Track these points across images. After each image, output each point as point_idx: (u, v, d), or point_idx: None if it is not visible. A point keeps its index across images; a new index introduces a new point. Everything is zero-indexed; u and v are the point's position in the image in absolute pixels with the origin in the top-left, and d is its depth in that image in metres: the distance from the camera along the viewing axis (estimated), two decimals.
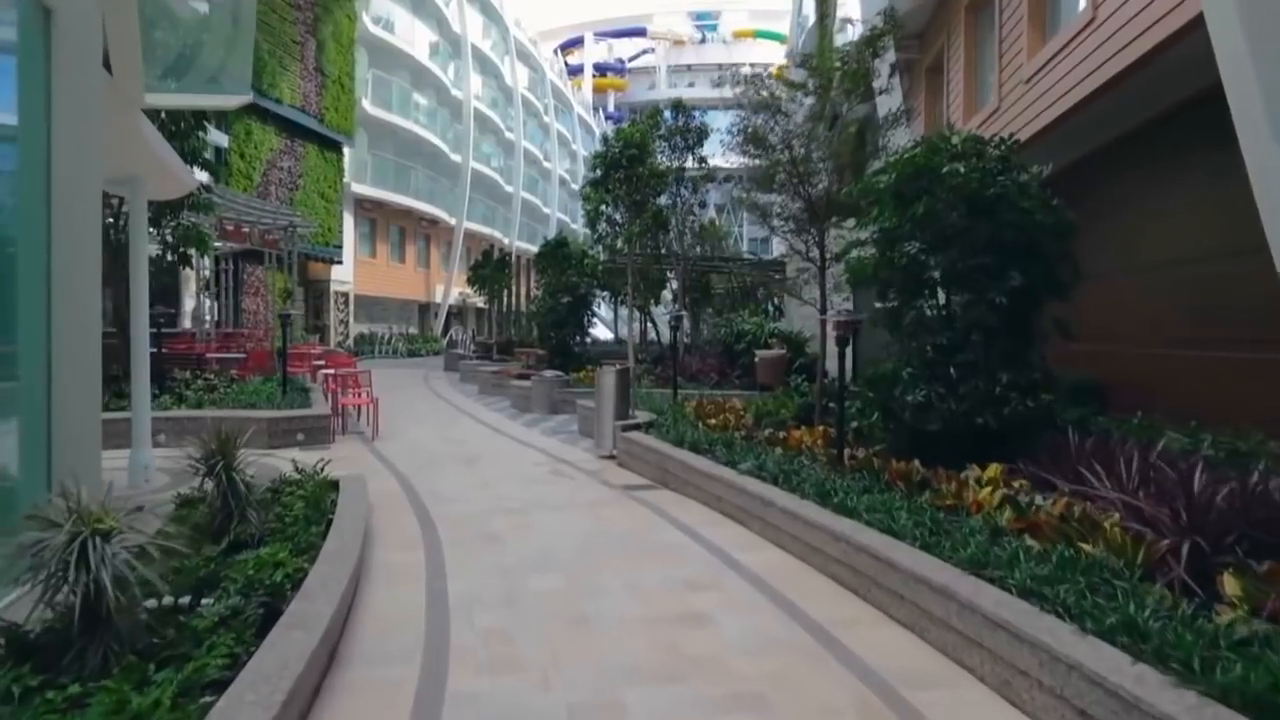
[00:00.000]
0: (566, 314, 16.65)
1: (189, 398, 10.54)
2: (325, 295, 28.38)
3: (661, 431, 8.72)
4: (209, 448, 4.83)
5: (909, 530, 4.69)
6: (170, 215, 11.79)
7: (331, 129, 26.15)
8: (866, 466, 6.25)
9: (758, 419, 8.88)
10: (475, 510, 6.71)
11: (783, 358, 13.32)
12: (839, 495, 5.59)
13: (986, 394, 6.14)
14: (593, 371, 15.28)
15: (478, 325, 40.90)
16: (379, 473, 8.34)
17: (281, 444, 9.81)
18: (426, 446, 10.17)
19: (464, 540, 5.76)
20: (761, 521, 5.95)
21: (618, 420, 9.34)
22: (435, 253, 37.63)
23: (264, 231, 18.20)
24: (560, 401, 13.69)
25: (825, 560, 5.04)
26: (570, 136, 59.46)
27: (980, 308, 6.08)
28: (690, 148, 16.27)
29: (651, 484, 7.97)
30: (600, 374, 9.56)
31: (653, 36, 77.71)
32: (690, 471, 7.30)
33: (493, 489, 7.63)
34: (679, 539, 5.90)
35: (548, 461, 9.22)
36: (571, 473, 8.54)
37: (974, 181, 6.13)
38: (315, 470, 6.57)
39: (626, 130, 14.83)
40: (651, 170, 14.70)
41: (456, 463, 9.05)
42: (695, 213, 17.10)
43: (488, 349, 25.26)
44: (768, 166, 8.97)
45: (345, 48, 27.12)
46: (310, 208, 24.98)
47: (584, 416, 11.45)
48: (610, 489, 7.73)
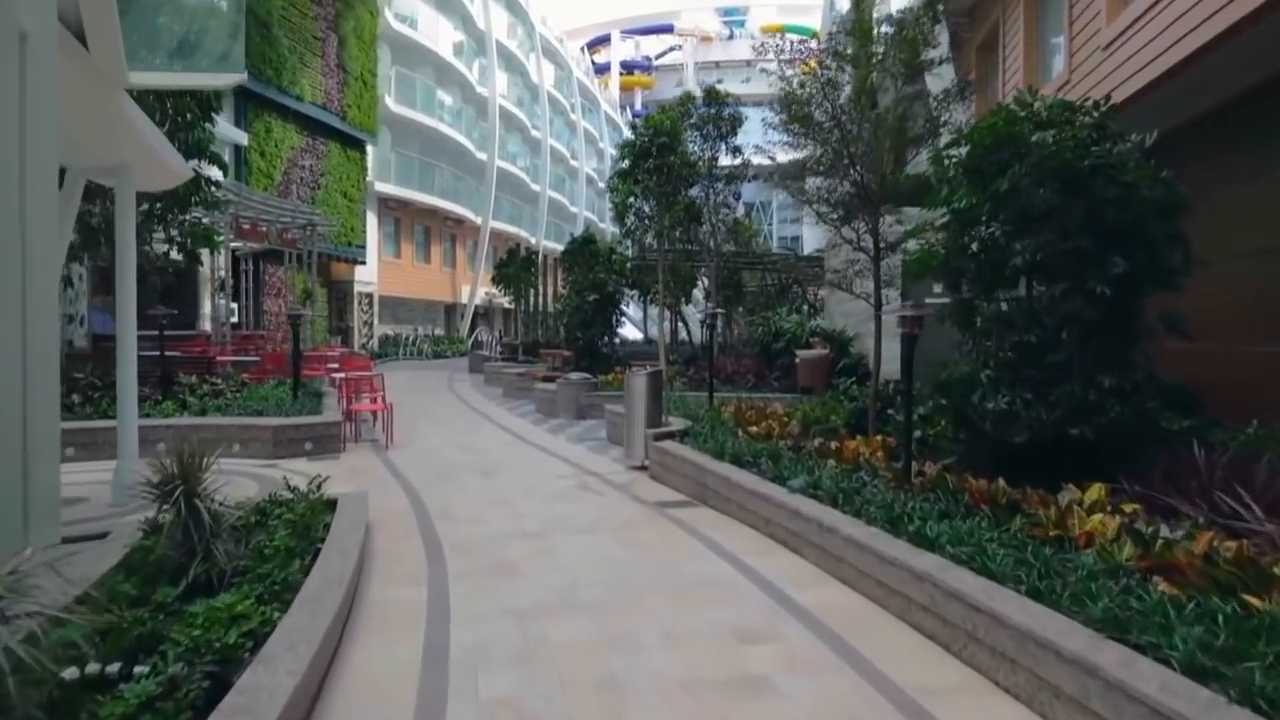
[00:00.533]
0: (594, 313, 15.86)
1: (193, 404, 9.91)
2: (349, 296, 27.91)
3: (698, 441, 7.89)
4: (167, 470, 4.07)
5: (1009, 570, 3.83)
6: (177, 212, 11.18)
7: (354, 127, 25.64)
8: (940, 485, 5.38)
9: (805, 427, 8.01)
10: (491, 533, 5.93)
11: (826, 358, 12.42)
12: (913, 521, 4.74)
13: (1082, 401, 5.24)
14: (622, 374, 14.49)
15: (504, 326, 40.33)
16: (388, 487, 7.60)
17: (287, 454, 9.13)
18: (443, 456, 9.43)
19: (475, 573, 4.98)
20: (819, 551, 5.10)
21: (650, 428, 8.52)
22: (461, 253, 37.11)
23: (282, 230, 17.65)
24: (587, 406, 12.90)
25: (904, 605, 4.18)
26: (597, 135, 58.76)
27: (1076, 299, 5.17)
28: (723, 137, 15.39)
29: (688, 500, 7.15)
30: (630, 377, 8.75)
31: (680, 33, 76.88)
32: (733, 488, 6.46)
33: (512, 506, 6.84)
34: (724, 571, 5.06)
35: (573, 473, 8.43)
36: (599, 486, 7.74)
37: (1067, 152, 5.22)
38: (311, 488, 5.84)
39: (656, 117, 14.00)
40: (683, 160, 13.85)
41: (474, 475, 8.29)
42: (729, 204, 16.22)
43: (513, 350, 24.59)
44: (814, 147, 8.10)
45: (367, 44, 26.61)
46: (332, 207, 24.48)
47: (613, 423, 10.66)
48: (642, 506, 6.92)
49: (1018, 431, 5.42)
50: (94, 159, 7.13)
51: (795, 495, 5.75)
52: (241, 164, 20.92)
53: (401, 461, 9.00)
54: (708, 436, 7.98)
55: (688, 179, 14.15)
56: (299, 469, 8.44)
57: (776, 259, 21.01)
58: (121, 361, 7.04)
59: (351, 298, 27.98)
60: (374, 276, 29.06)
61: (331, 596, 3.81)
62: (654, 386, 8.72)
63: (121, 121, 6.60)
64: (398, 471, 8.41)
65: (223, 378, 11.79)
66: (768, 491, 5.94)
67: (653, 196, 13.73)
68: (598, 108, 60.27)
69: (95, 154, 7.03)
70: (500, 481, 7.97)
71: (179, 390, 10.56)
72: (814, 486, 5.81)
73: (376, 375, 10.95)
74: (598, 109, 60.18)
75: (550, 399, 13.42)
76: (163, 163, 7.53)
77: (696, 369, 14.21)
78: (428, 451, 9.75)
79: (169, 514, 4.08)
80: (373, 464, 8.86)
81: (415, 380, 20.60)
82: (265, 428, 9.12)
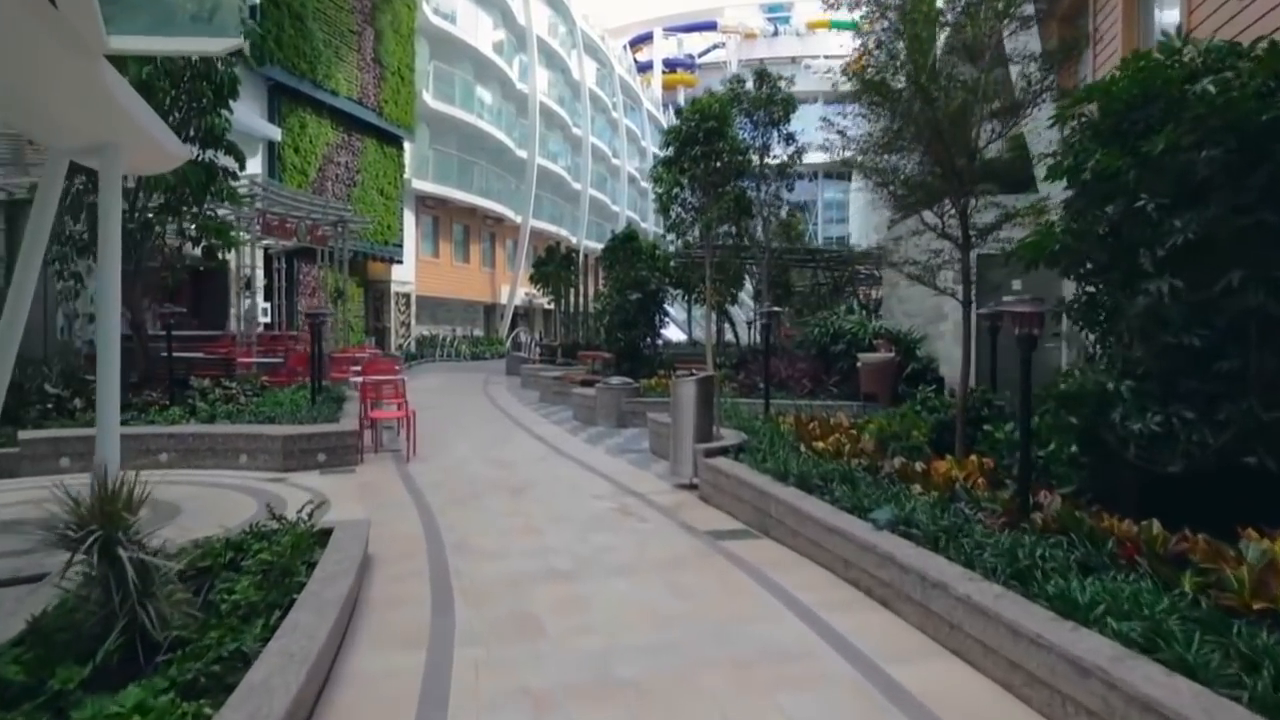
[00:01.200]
0: (636, 313, 14.85)
1: (202, 410, 9.14)
2: (385, 296, 27.33)
3: (756, 458, 6.83)
4: (79, 513, 3.14)
5: (1214, 666, 2.74)
6: (192, 204, 10.46)
7: (390, 122, 25.03)
8: (1070, 525, 4.25)
9: (881, 443, 6.90)
10: (513, 573, 4.95)
11: (891, 362, 11.24)
12: (1047, 576, 3.65)
13: (1261, 420, 4.07)
14: (665, 378, 13.45)
15: (544, 327, 39.60)
16: (401, 509, 6.68)
17: (298, 466, 8.30)
18: (469, 470, 8.51)
19: (488, 631, 3.99)
20: (922, 611, 4.02)
21: (699, 442, 7.49)
22: (501, 252, 36.44)
23: (312, 227, 16.98)
24: (628, 413, 11.90)
25: (1055, 701, 3.08)
26: (640, 133, 57.80)
27: (1257, 291, 4.01)
28: (775, 123, 14.27)
29: (746, 529, 6.10)
30: (677, 385, 7.73)
31: (723, 30, 75.70)
32: (802, 519, 5.40)
33: (540, 536, 5.86)
34: (801, 636, 4.00)
35: (612, 493, 7.43)
36: (642, 510, 6.73)
37: (1245, 103, 4.06)
38: (301, 517, 4.93)
39: (704, 100, 12.94)
40: (732, 146, 12.77)
41: (501, 494, 7.34)
42: (781, 197, 15.08)
43: (552, 352, 23.74)
44: (891, 121, 6.99)
45: (405, 38, 26.00)
46: (369, 205, 23.88)
47: (656, 433, 9.64)
48: (693, 538, 5.88)
49: (1171, 459, 4.29)
50: (73, 137, 6.35)
51: (883, 533, 4.68)
52: (275, 160, 20.38)
53: (422, 477, 8.09)
54: (767, 453, 6.92)
55: (737, 168, 13.06)
56: (308, 484, 7.61)
57: (831, 255, 19.77)
58: (103, 363, 6.19)
59: (388, 298, 27.40)
60: (411, 276, 28.47)
61: (285, 683, 2.85)
62: (704, 395, 7.69)
63: (102, 93, 5.77)
64: (416, 489, 7.50)
65: (240, 381, 11.04)
66: (847, 527, 4.87)
67: (699, 186, 12.68)
68: (640, 106, 59.31)
69: (73, 131, 6.23)
70: (529, 503, 7.00)
71: (190, 395, 9.82)
72: (905, 522, 4.72)
73: (400, 379, 10.07)
74: (640, 107, 59.23)
75: (588, 405, 12.45)
76: (154, 142, 6.69)
77: (747, 373, 13.12)
78: (453, 464, 8.85)
79: (83, 566, 3.15)
80: (389, 480, 7.97)
81: (449, 383, 19.83)
82: (274, 437, 8.29)
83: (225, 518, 6.36)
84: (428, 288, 29.85)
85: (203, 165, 10.22)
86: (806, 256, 18.25)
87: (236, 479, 7.81)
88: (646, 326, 15.18)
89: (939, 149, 6.53)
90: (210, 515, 6.48)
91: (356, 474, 8.23)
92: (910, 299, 13.22)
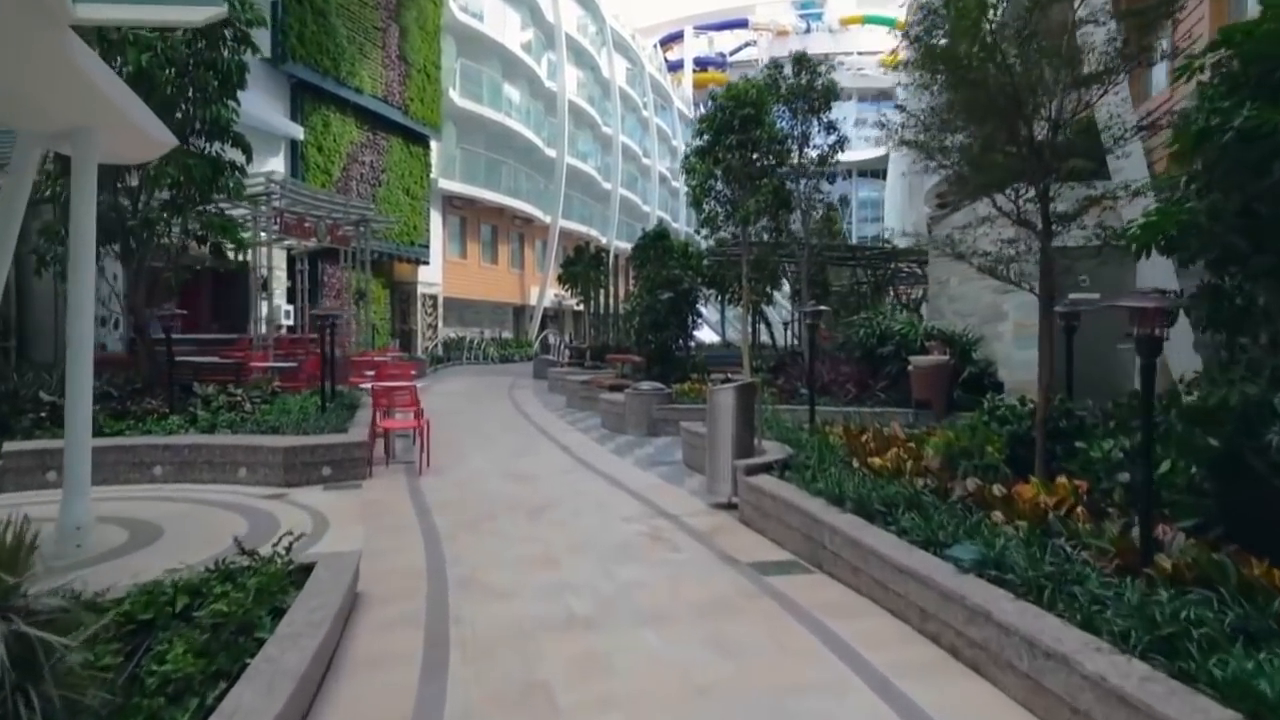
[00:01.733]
0: (667, 313, 14.03)
1: (203, 419, 8.52)
2: (412, 298, 26.82)
3: (804, 476, 6.00)
4: None
5: None
6: (198, 200, 9.87)
7: (416, 121, 24.48)
8: (1215, 576, 3.39)
9: (949, 460, 6.03)
10: (523, 620, 4.18)
11: (945, 366, 10.32)
12: (1205, 651, 2.81)
13: None
14: (698, 382, 12.64)
15: (574, 329, 38.96)
16: (405, 533, 5.96)
17: (301, 480, 7.63)
18: (485, 486, 7.79)
19: (487, 705, 3.23)
20: (1032, 686, 3.18)
21: (739, 458, 6.68)
22: (530, 253, 35.84)
23: (332, 226, 16.43)
24: (660, 421, 11.11)
25: None
26: (670, 132, 56.98)
27: None
28: (815, 112, 13.37)
29: (795, 560, 5.29)
30: (714, 393, 6.92)
31: (755, 28, 74.79)
32: (863, 554, 4.57)
33: (559, 569, 5.10)
34: (874, 712, 3.18)
35: (642, 513, 6.65)
36: (675, 536, 5.93)
37: None
38: (278, 551, 4.22)
39: (739, 86, 12.09)
40: (770, 134, 11.92)
41: (518, 515, 6.59)
42: (821, 190, 14.18)
43: (581, 354, 23.04)
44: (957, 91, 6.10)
45: (431, 35, 25.46)
46: (394, 205, 23.36)
47: (690, 444, 8.84)
48: (734, 571, 5.08)
49: None
50: (41, 120, 5.73)
51: (968, 577, 3.84)
52: (298, 159, 19.90)
53: (433, 494, 7.38)
54: (816, 471, 6.09)
55: (776, 158, 12.20)
56: (308, 502, 6.94)
57: (872, 251, 18.78)
58: (74, 366, 5.57)
59: (415, 299, 26.88)
60: (438, 277, 27.93)
61: None
62: (744, 404, 6.87)
63: (72, 71, 5.14)
64: (425, 508, 6.78)
65: (248, 387, 10.44)
66: (921, 568, 4.04)
67: (735, 178, 11.85)
68: (671, 105, 58.50)
69: (40, 113, 5.61)
70: (548, 526, 6.24)
71: (192, 402, 9.22)
72: (996, 564, 3.88)
73: (414, 385, 9.35)
74: (671, 106, 58.42)
75: (617, 412, 11.68)
76: (136, 128, 6.07)
77: (786, 377, 12.26)
78: (468, 479, 8.13)
79: None
80: (397, 497, 7.26)
81: (474, 387, 19.20)
82: (275, 449, 7.63)
83: (210, 541, 5.70)
84: (455, 289, 29.31)
85: (208, 159, 9.64)
86: (846, 254, 17.29)
87: (231, 495, 7.16)
88: (678, 328, 14.36)
89: (1016, 121, 5.65)
90: (193, 537, 5.83)
91: (363, 489, 7.54)
92: (963, 297, 12.27)
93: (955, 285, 12.68)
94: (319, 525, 6.23)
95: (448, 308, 29.11)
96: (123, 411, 8.70)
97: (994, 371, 10.80)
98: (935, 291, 14.13)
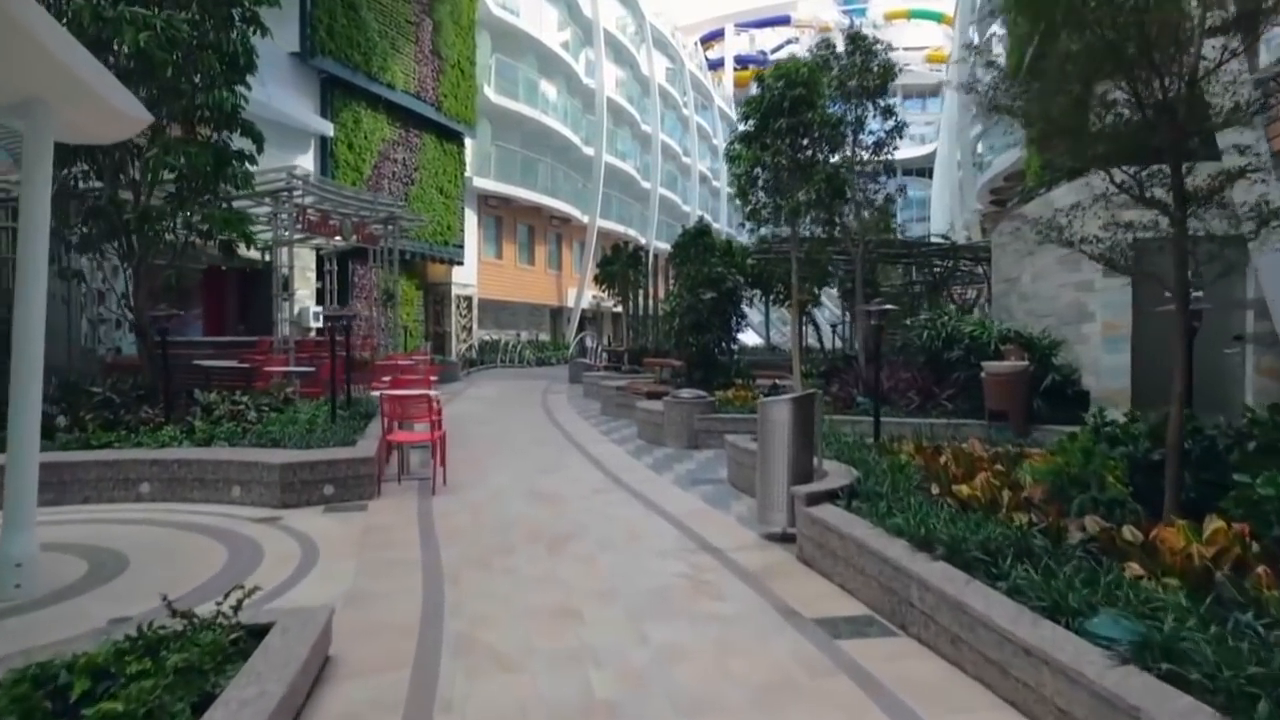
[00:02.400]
0: (709, 314, 13.02)
1: (200, 431, 7.76)
2: (446, 300, 26.17)
3: (876, 509, 4.97)
4: None
5: None
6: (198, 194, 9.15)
7: (450, 117, 23.80)
8: None
9: (1056, 490, 4.96)
10: (530, 703, 3.25)
11: (1025, 373, 9.16)
12: None
13: None
14: (743, 389, 11.61)
15: (613, 331, 38.10)
16: (403, 571, 5.07)
17: (299, 500, 6.82)
18: (505, 509, 6.88)
19: None
20: None
21: (798, 483, 5.67)
22: (568, 253, 35.06)
23: (359, 224, 15.73)
24: (701, 432, 10.13)
25: None
26: (711, 131, 55.92)
27: None
28: (871, 95, 12.27)
29: (871, 616, 4.28)
30: (767, 407, 5.90)
31: (797, 25, 73.36)
32: (969, 623, 3.54)
33: (580, 626, 4.15)
34: None
35: (681, 547, 5.68)
36: (722, 579, 4.95)
37: None
38: (223, 612, 3.34)
39: (789, 65, 11.04)
40: (823, 118, 10.86)
41: (537, 548, 5.67)
42: (879, 180, 13.06)
43: (618, 358, 22.12)
44: (1060, 39, 5.02)
45: (465, 30, 24.78)
46: (428, 204, 22.71)
47: (737, 461, 7.85)
48: (798, 632, 4.08)
49: None
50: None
51: (1127, 670, 2.81)
52: (327, 157, 19.33)
53: (445, 518, 6.50)
54: (891, 502, 5.06)
55: (831, 143, 11.13)
56: (301, 527, 6.11)
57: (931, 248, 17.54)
58: (19, 378, 4.78)
59: (449, 301, 26.22)
60: (473, 278, 27.25)
61: None
62: (802, 419, 5.85)
63: (21, 34, 4.35)
64: (432, 537, 5.89)
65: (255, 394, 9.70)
66: (1057, 652, 3.01)
67: (785, 166, 10.79)
68: (711, 104, 57.44)
69: None
70: (572, 563, 5.30)
71: (192, 411, 8.49)
72: (1164, 651, 2.83)
73: (432, 394, 8.48)
74: (711, 105, 57.36)
75: (655, 421, 10.71)
76: (101, 102, 5.26)
77: (841, 384, 11.18)
78: (487, 499, 7.23)
79: None
80: (404, 521, 6.38)
81: (506, 392, 18.40)
82: (271, 466, 6.81)
83: (178, 577, 4.90)
84: (490, 290, 28.62)
85: (210, 147, 8.92)
86: (902, 250, 16.10)
87: (219, 518, 6.36)
88: (722, 329, 13.32)
89: (1145, 72, 4.56)
90: (161, 572, 5.03)
91: (367, 512, 6.68)
92: (1037, 295, 11.07)
93: (1028, 282, 11.49)
94: (307, 557, 5.38)
95: (483, 310, 28.45)
96: (114, 421, 7.99)
97: (1077, 378, 9.61)
98: (1002, 290, 12.92)
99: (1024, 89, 5.20)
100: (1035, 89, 5.12)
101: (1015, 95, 5.22)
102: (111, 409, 8.57)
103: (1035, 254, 11.26)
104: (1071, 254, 9.90)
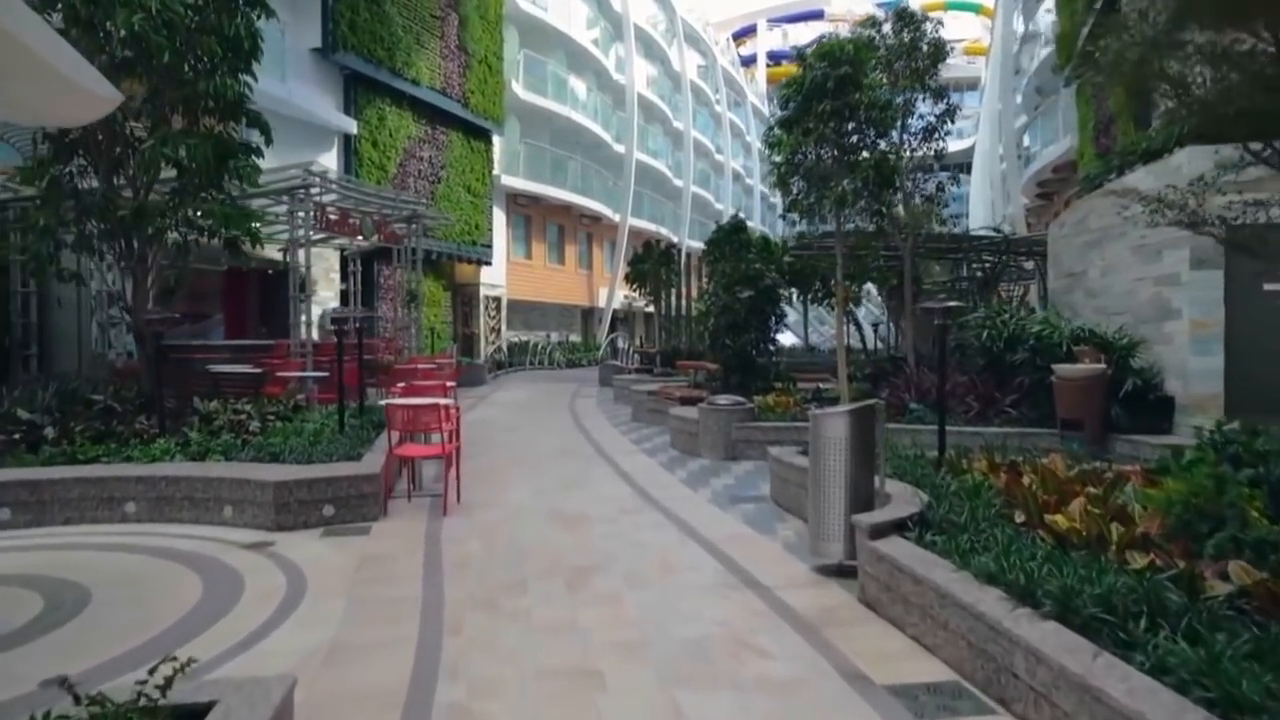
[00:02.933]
0: (747, 313, 12.18)
1: (194, 443, 7.15)
2: (474, 300, 25.61)
3: (954, 545, 4.13)
4: None
5: None
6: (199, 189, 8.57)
7: (477, 114, 23.22)
8: None
9: (1180, 526, 4.09)
10: None
11: (1102, 376, 8.22)
12: None
13: None
14: (786, 395, 10.77)
15: (645, 332, 37.36)
16: (397, 613, 4.35)
17: (295, 522, 6.15)
18: (521, 533, 6.15)
19: None
20: None
21: (858, 511, 4.86)
22: (599, 253, 34.38)
23: (380, 223, 15.16)
24: (740, 442, 9.32)
25: None
26: (744, 128, 54.95)
27: None
28: (921, 76, 11.37)
29: (958, 685, 3.46)
30: (820, 421, 5.09)
31: (830, 19, 71.87)
32: (1099, 713, 2.71)
33: (598, 692, 3.39)
34: None
35: (722, 582, 4.90)
36: (771, 627, 4.16)
37: None
38: (144, 692, 2.62)
39: (832, 43, 10.19)
40: (871, 100, 9.99)
41: (554, 582, 4.92)
42: (931, 167, 12.13)
43: (651, 360, 21.37)
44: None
45: (492, 24, 24.20)
46: (455, 203, 22.15)
47: (781, 476, 7.04)
48: (868, 703, 3.28)
49: None
50: None
51: None
52: (351, 155, 18.84)
53: (454, 544, 5.78)
54: (972, 535, 4.23)
55: (879, 127, 10.25)
56: (293, 555, 5.43)
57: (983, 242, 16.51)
58: None
59: (477, 302, 25.67)
60: (502, 279, 26.67)
61: None
62: (861, 434, 5.04)
63: None
64: (437, 570, 5.17)
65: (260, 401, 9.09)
66: None
67: (830, 151, 9.95)
68: (744, 101, 56.47)
69: None
70: (593, 606, 4.53)
71: (189, 421, 7.90)
72: None
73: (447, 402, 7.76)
74: (744, 102, 56.38)
75: (689, 430, 9.92)
76: (59, 80, 4.62)
77: (891, 389, 10.29)
78: (502, 521, 6.51)
79: None
80: (408, 549, 5.67)
81: (533, 396, 17.74)
82: (264, 484, 6.15)
83: (142, 621, 4.25)
84: (519, 291, 28.03)
85: (211, 138, 8.33)
86: (952, 244, 15.12)
87: (204, 543, 5.71)
88: (760, 330, 12.48)
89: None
90: (123, 613, 4.38)
91: (369, 536, 6.00)
92: (1108, 291, 10.09)
93: (1096, 277, 10.50)
94: (292, 594, 4.70)
95: (512, 310, 27.87)
96: (106, 433, 7.41)
97: (1159, 383, 8.64)
98: (1063, 286, 11.91)
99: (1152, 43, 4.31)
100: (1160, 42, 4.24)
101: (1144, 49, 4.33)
102: (111, 419, 8.02)
103: (1104, 245, 10.29)
104: (1149, 244, 8.91)
